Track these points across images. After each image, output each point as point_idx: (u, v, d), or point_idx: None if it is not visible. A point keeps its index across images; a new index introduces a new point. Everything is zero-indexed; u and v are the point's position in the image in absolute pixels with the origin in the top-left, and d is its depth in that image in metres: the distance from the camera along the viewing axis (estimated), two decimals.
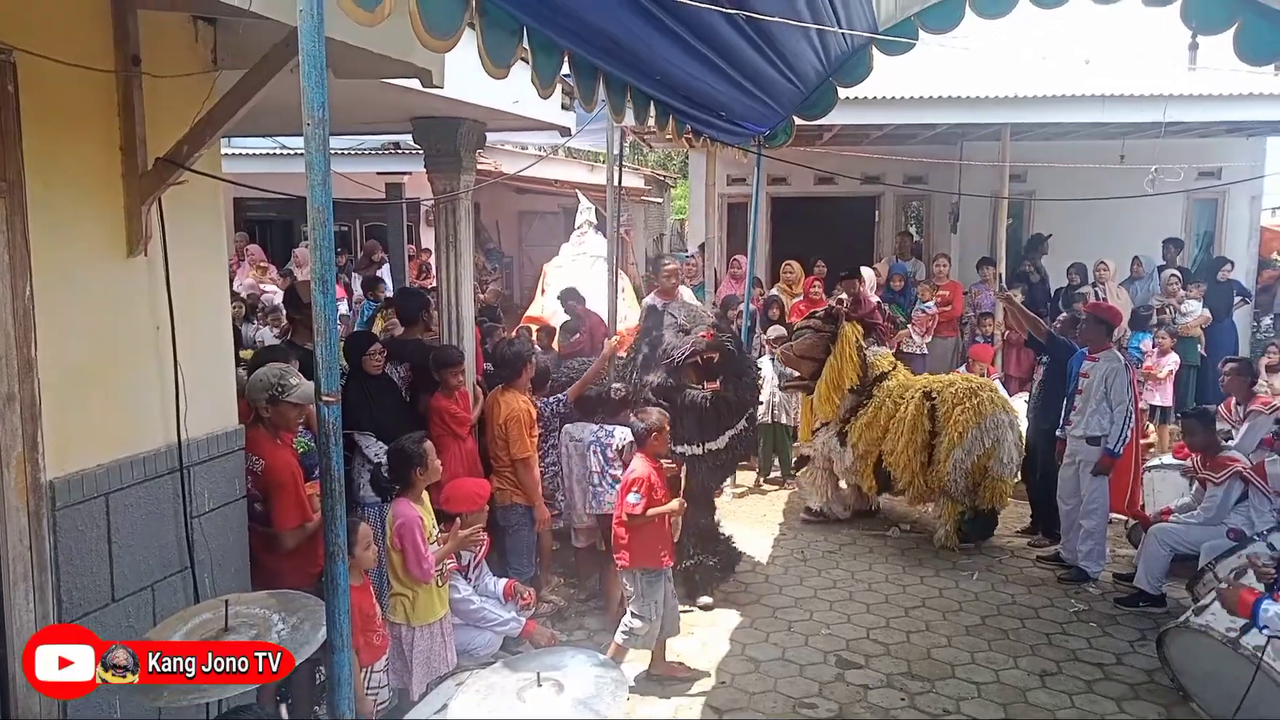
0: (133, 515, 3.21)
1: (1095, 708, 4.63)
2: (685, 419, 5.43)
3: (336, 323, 2.18)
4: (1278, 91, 9.56)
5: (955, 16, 6.41)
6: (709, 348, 5.42)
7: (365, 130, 8.74)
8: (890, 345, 9.31)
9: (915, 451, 6.58)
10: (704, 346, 5.40)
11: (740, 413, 5.71)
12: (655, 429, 4.76)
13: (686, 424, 5.43)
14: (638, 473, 4.71)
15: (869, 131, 10.88)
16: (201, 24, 3.39)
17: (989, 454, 6.45)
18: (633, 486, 4.68)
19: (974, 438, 6.43)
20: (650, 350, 5.68)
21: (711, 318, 6.19)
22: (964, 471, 6.48)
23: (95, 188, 3.07)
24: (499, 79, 3.19)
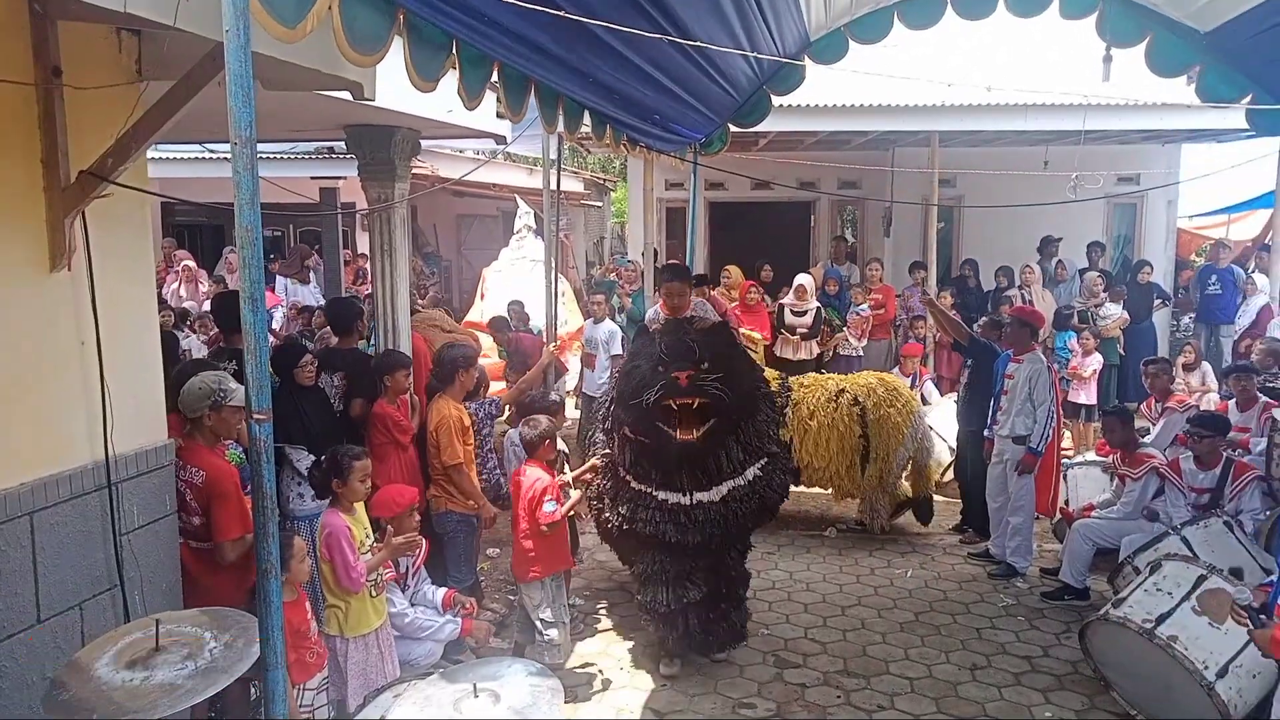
0: (59, 534, 3.15)
1: (1023, 699, 4.79)
2: (668, 463, 4.63)
3: (267, 340, 2.18)
4: (1190, 101, 9.95)
5: (884, 27, 6.59)
6: (684, 393, 4.41)
7: (297, 137, 8.64)
8: (827, 348, 9.51)
9: (850, 454, 6.82)
10: (676, 392, 4.40)
11: (747, 461, 4.77)
12: (546, 436, 4.99)
13: (670, 468, 4.64)
14: (544, 481, 4.87)
15: (803, 138, 11.07)
16: (126, 35, 3.34)
17: (920, 447, 7.00)
18: (544, 495, 4.81)
19: (909, 435, 6.88)
20: (628, 384, 4.64)
21: (708, 351, 4.62)
22: (902, 466, 6.99)
23: (15, 202, 3.01)
24: (426, 92, 3.21)
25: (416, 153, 5.91)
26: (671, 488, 4.66)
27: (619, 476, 4.87)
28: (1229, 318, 10.41)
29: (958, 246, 12.36)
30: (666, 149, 7.67)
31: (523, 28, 3.44)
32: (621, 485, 4.86)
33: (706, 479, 4.65)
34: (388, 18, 2.70)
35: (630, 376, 4.64)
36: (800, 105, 9.17)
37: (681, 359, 4.45)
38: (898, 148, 11.57)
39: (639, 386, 4.49)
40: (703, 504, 4.67)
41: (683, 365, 4.41)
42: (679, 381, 4.38)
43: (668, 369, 4.43)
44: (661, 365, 4.46)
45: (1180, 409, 6.82)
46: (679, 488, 4.65)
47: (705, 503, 4.66)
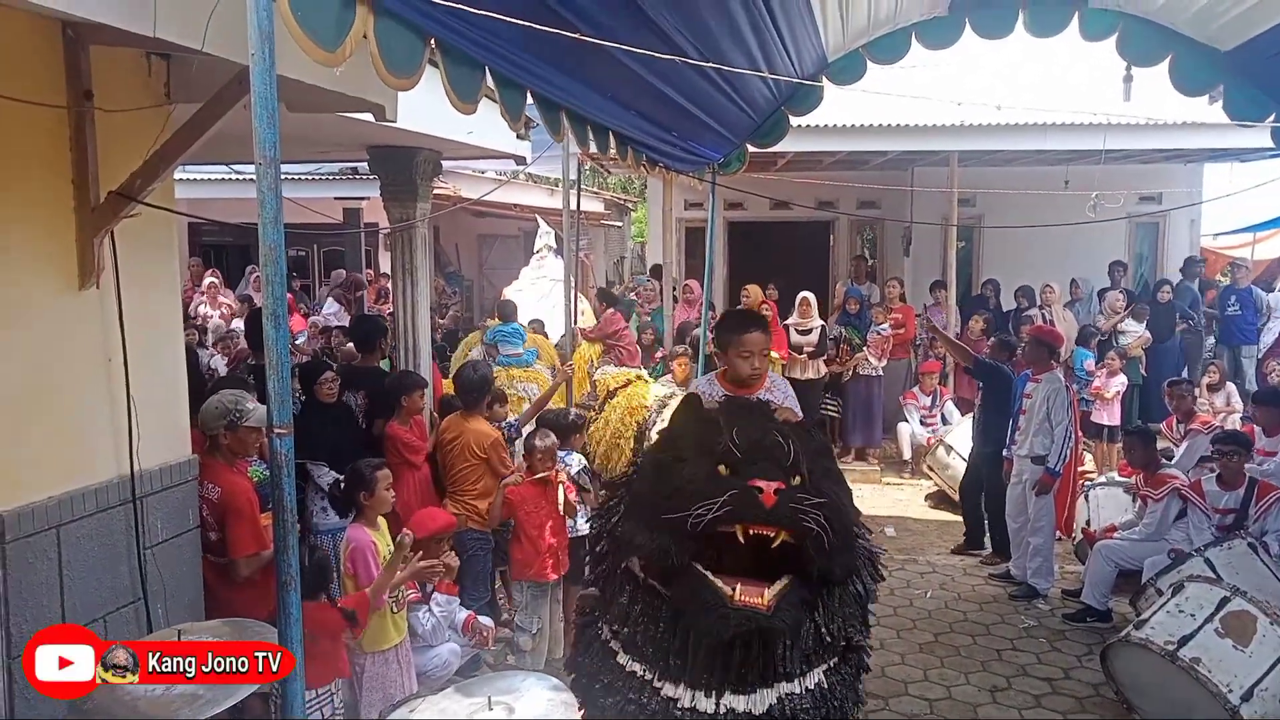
0: (84, 547, 3.20)
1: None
2: (704, 636, 2.50)
3: (288, 355, 2.22)
4: (1212, 120, 9.92)
5: (902, 48, 6.61)
6: (767, 517, 2.43)
7: (321, 158, 8.77)
8: (846, 368, 9.48)
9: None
10: (754, 515, 2.43)
11: (815, 657, 2.67)
12: (545, 451, 4.97)
13: (702, 648, 2.52)
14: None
15: (822, 158, 11.09)
16: (155, 59, 3.43)
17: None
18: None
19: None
20: (660, 482, 2.64)
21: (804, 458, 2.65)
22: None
23: (46, 221, 3.08)
24: (467, 114, 3.25)
25: (438, 173, 6.00)
26: (691, 681, 2.59)
27: (602, 641, 2.79)
28: (1250, 338, 10.30)
29: (978, 266, 12.32)
30: (685, 169, 7.71)
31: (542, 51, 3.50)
32: (603, 659, 2.76)
33: (752, 676, 2.58)
34: (421, 41, 2.76)
35: (663, 472, 2.65)
36: (819, 125, 9.20)
37: (766, 460, 2.54)
38: (917, 167, 11.57)
39: (683, 494, 2.49)
40: (734, 715, 2.60)
41: (769, 471, 2.49)
42: (762, 497, 2.42)
43: (740, 472, 2.51)
44: (728, 465, 2.54)
45: (1205, 430, 6.75)
46: (704, 684, 2.58)
47: (739, 715, 2.60)
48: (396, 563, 3.91)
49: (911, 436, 9.38)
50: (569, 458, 5.45)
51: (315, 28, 2.25)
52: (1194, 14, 5.93)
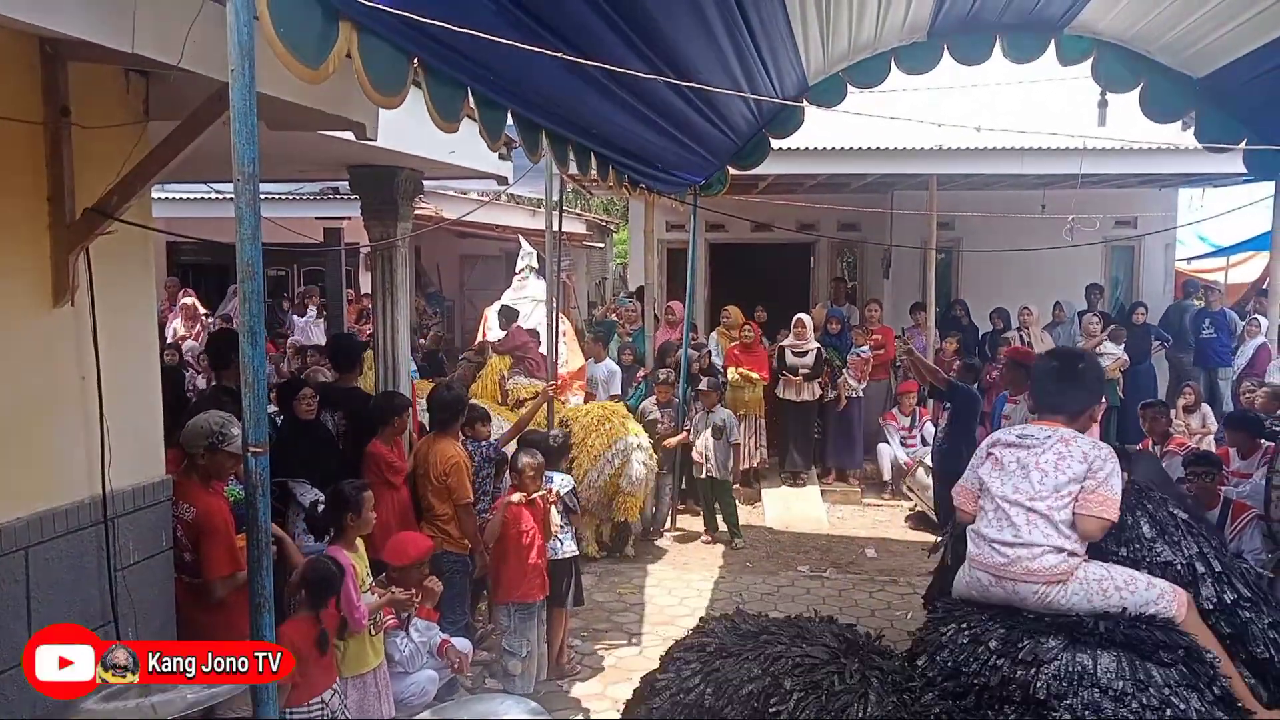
0: (54, 569, 3.15)
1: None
2: None
3: (264, 374, 2.20)
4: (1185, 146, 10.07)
5: (881, 72, 6.69)
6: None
7: (302, 177, 8.74)
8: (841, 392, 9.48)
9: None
10: None
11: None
12: (531, 469, 4.98)
13: None
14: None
15: (803, 181, 11.17)
16: (134, 76, 3.41)
17: (619, 472, 7.11)
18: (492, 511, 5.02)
19: (606, 459, 7.08)
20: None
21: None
22: (598, 489, 7.13)
23: (21, 237, 3.05)
24: (450, 133, 3.26)
25: (419, 193, 5.98)
26: None
27: None
28: (1225, 361, 10.42)
29: (956, 288, 12.42)
30: (666, 190, 7.76)
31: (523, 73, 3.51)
32: None
33: None
34: (406, 59, 2.76)
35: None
36: (799, 148, 9.28)
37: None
38: (896, 190, 11.67)
39: None
40: None
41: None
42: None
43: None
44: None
45: (1180, 451, 6.80)
46: None
47: None
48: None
49: (892, 458, 9.41)
50: (555, 478, 5.42)
51: (298, 45, 2.25)
52: (1166, 42, 6.04)
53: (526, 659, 4.87)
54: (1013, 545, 2.86)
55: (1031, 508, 2.88)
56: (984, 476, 3.05)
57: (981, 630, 2.82)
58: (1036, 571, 2.82)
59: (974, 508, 3.08)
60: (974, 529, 3.01)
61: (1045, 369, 3.29)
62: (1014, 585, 2.86)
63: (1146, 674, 2.60)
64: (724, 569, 7.42)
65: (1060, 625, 2.74)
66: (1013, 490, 2.94)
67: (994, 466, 3.04)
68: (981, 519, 3.00)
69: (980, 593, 2.95)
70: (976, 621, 2.87)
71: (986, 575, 2.92)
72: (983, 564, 2.92)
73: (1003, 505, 2.92)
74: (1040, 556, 2.82)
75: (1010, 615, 2.86)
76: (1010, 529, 2.89)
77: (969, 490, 3.14)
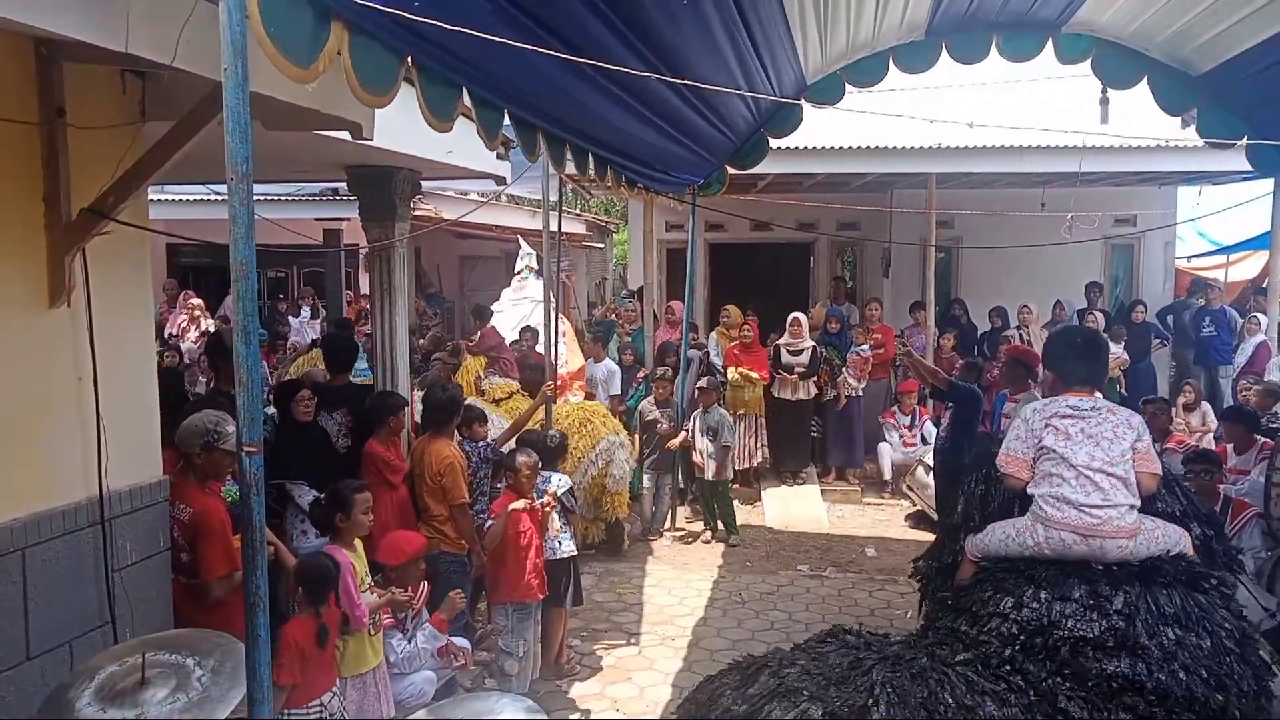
0: (51, 570, 3.15)
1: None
2: None
3: (259, 372, 2.20)
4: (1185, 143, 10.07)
5: (879, 71, 6.68)
6: None
7: (300, 178, 8.75)
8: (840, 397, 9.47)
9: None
10: None
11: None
12: (525, 468, 4.98)
13: None
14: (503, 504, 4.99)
15: (802, 180, 11.17)
16: (130, 76, 3.41)
17: (603, 473, 7.15)
18: (489, 517, 4.98)
19: (589, 460, 7.11)
20: None
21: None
22: (583, 490, 7.11)
23: (17, 238, 3.05)
24: (444, 132, 3.25)
25: (417, 193, 5.98)
26: None
27: None
28: (1226, 359, 10.41)
29: (956, 286, 12.42)
30: (665, 190, 7.75)
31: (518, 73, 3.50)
32: None
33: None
34: (396, 58, 2.75)
35: None
36: (798, 148, 9.27)
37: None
38: (896, 189, 11.66)
39: None
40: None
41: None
42: None
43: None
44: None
45: (1179, 449, 6.79)
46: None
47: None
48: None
49: (892, 457, 9.40)
50: (553, 478, 5.42)
51: (289, 44, 2.25)
52: (1164, 39, 6.03)
53: (523, 659, 4.87)
54: (1101, 507, 3.19)
55: (1111, 473, 3.23)
56: (1054, 446, 3.30)
57: (1062, 586, 3.12)
58: (1124, 529, 3.19)
59: (1028, 475, 3.37)
60: (1050, 494, 3.26)
61: (1071, 346, 3.64)
62: (1101, 542, 3.18)
63: (1197, 602, 3.06)
64: (724, 569, 7.41)
65: (1131, 574, 3.13)
66: (1088, 458, 3.25)
67: (1059, 437, 3.31)
68: (1061, 485, 3.25)
69: (1059, 551, 3.22)
70: (1050, 578, 3.17)
71: (1072, 535, 3.20)
72: (1070, 525, 3.20)
73: (1085, 473, 3.23)
74: (1125, 515, 3.20)
75: (1082, 570, 3.18)
76: (1098, 493, 3.20)
77: (1021, 459, 3.39)
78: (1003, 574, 3.28)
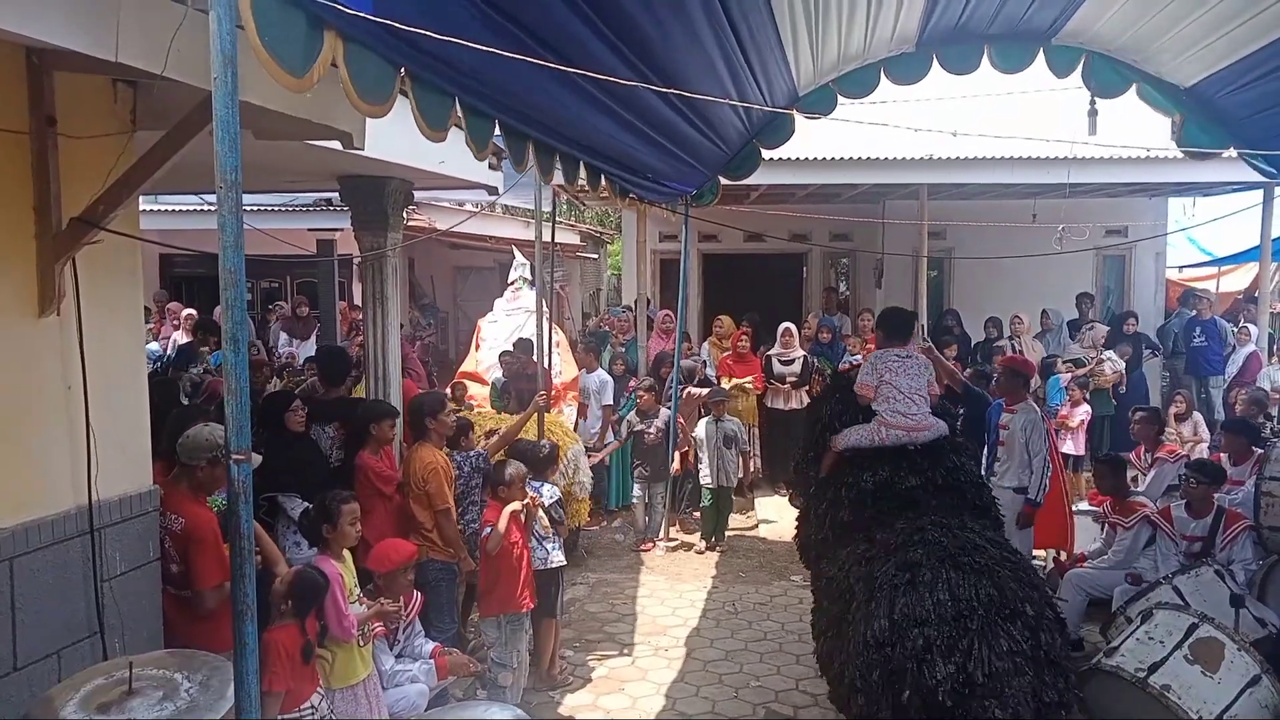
0: (39, 579, 3.13)
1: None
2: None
3: (247, 381, 2.20)
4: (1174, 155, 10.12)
5: (871, 83, 6.71)
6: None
7: (292, 188, 8.75)
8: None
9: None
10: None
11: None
12: (514, 479, 4.99)
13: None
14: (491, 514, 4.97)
15: (794, 191, 11.20)
16: (121, 86, 3.41)
17: (571, 482, 7.14)
18: (483, 526, 4.91)
19: (560, 472, 6.98)
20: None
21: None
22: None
23: (6, 247, 3.04)
24: (438, 142, 3.26)
25: (409, 203, 5.99)
26: None
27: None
28: (1216, 369, 10.44)
29: (948, 297, 12.45)
30: (657, 199, 7.77)
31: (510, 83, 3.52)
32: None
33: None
34: (392, 70, 2.76)
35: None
36: (790, 158, 9.31)
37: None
38: (888, 200, 11.71)
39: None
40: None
41: None
42: None
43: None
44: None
45: (1171, 459, 6.81)
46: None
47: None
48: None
49: None
50: (542, 488, 5.41)
51: (283, 54, 2.26)
52: (1153, 52, 6.07)
53: (516, 670, 4.86)
54: (918, 414, 4.79)
55: (920, 394, 4.84)
56: (889, 380, 4.84)
57: (895, 460, 4.72)
58: (928, 425, 4.79)
59: (873, 395, 4.85)
60: (888, 409, 4.78)
61: (892, 320, 5.25)
62: (918, 434, 4.76)
63: (956, 453, 4.94)
64: (717, 579, 7.40)
65: (927, 447, 4.75)
66: (908, 387, 4.82)
67: (891, 374, 4.85)
68: (895, 403, 4.78)
69: (894, 441, 4.74)
70: (887, 455, 4.74)
71: (902, 431, 4.74)
72: (901, 426, 4.75)
73: (908, 395, 4.80)
74: (928, 417, 4.81)
75: (903, 450, 4.75)
76: (915, 406, 4.79)
77: (870, 386, 4.88)
78: (856, 458, 4.81)
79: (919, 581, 3.72)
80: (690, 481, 8.63)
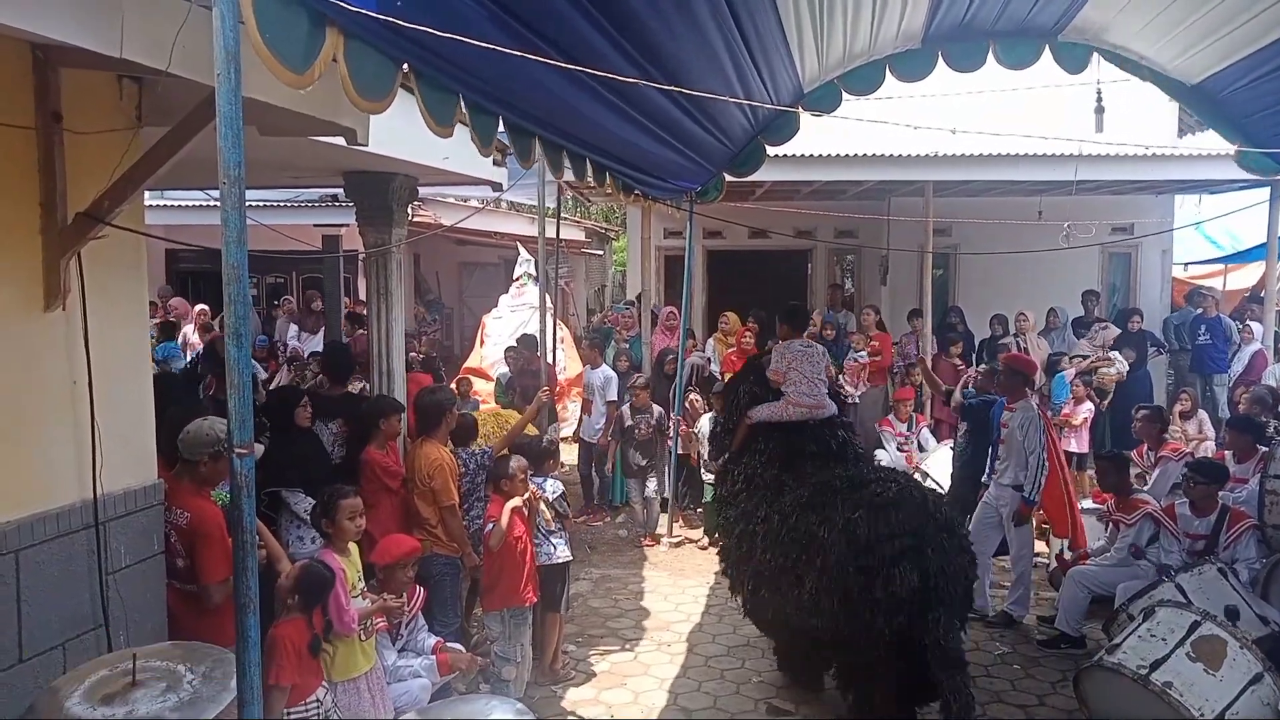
0: (44, 572, 3.15)
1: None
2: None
3: (250, 375, 2.21)
4: (1181, 152, 10.11)
5: (876, 80, 6.70)
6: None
7: (297, 184, 8.77)
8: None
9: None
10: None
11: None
12: (515, 472, 5.01)
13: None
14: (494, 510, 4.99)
15: (799, 188, 11.20)
16: (127, 82, 3.43)
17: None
18: (486, 523, 4.93)
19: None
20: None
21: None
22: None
23: (12, 242, 3.06)
24: (445, 137, 3.27)
25: (414, 199, 6.00)
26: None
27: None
28: (1221, 367, 10.41)
29: (954, 294, 12.44)
30: (662, 196, 7.76)
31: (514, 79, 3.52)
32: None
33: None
34: (393, 65, 2.77)
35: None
36: (795, 155, 9.30)
37: None
38: (893, 197, 11.70)
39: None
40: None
41: None
42: None
43: None
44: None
45: (1175, 457, 6.80)
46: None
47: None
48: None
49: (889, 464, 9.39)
50: (545, 483, 5.42)
51: (284, 50, 2.27)
52: (1160, 48, 6.06)
53: (519, 664, 4.87)
54: (819, 395, 5.44)
55: (820, 378, 5.50)
56: (796, 366, 5.41)
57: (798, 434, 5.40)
58: (825, 405, 5.47)
59: (783, 380, 5.42)
60: (795, 390, 5.38)
61: (795, 315, 5.88)
62: (819, 411, 5.43)
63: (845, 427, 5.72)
64: (720, 575, 7.40)
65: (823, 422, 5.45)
66: (811, 372, 5.43)
67: (798, 360, 5.43)
68: (801, 385, 5.38)
69: (799, 417, 5.38)
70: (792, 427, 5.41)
71: (805, 410, 5.38)
72: (805, 405, 5.38)
73: (811, 379, 5.41)
74: (826, 398, 5.51)
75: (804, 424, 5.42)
76: (817, 389, 5.44)
77: (781, 371, 5.44)
78: (766, 429, 5.44)
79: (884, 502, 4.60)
80: (686, 469, 8.61)
